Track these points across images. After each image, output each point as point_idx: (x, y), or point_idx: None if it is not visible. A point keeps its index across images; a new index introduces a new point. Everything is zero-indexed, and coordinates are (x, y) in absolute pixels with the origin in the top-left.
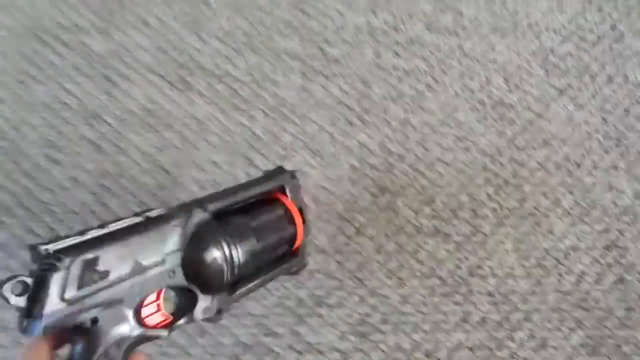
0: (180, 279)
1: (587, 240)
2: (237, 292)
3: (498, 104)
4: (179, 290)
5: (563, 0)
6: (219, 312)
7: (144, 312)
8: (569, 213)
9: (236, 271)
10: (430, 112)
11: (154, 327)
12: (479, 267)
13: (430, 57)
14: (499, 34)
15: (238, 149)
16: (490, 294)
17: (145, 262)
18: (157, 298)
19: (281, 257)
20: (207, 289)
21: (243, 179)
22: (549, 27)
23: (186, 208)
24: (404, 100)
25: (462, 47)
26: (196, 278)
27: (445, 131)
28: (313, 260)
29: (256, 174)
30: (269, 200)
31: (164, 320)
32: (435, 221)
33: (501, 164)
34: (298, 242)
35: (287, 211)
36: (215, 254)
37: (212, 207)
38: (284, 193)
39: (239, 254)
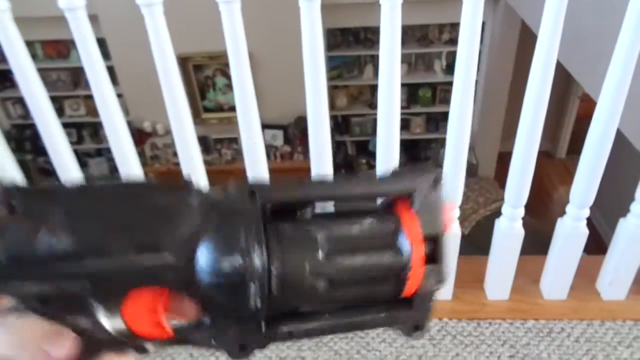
0: (184, 284)
1: None
2: (280, 330)
3: None
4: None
5: None
6: (243, 348)
7: (130, 311)
8: None
9: (275, 294)
10: None
11: (140, 335)
12: None
13: None
14: None
15: None
16: None
17: (121, 242)
18: (156, 300)
19: (376, 300)
20: (223, 312)
21: None
22: None
23: (227, 186)
24: None
25: None
26: (207, 290)
27: None
28: None
29: None
30: (375, 210)
31: (158, 332)
32: None
33: None
34: (412, 286)
35: (400, 231)
36: (236, 262)
37: (268, 195)
38: (409, 203)
39: (281, 271)
